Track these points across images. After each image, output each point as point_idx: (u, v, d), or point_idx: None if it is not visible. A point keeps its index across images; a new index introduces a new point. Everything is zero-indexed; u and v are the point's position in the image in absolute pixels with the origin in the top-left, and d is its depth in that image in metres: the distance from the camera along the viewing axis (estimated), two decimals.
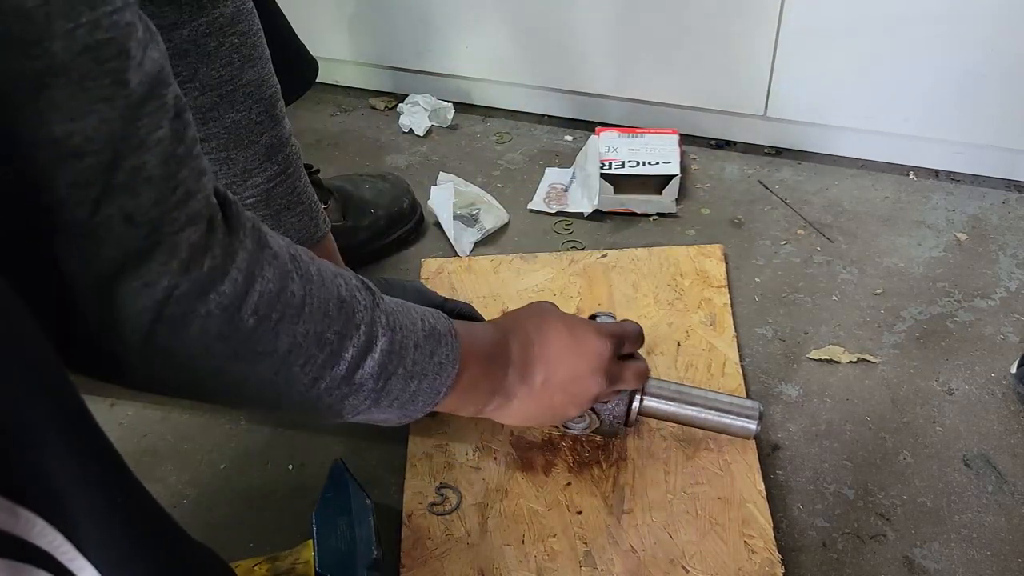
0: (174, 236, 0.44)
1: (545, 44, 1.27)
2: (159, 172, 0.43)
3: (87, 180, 0.40)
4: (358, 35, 1.36)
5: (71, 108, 0.38)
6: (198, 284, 0.45)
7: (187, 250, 0.45)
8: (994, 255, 1.08)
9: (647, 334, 0.95)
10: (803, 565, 0.77)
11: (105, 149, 0.40)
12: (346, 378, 0.55)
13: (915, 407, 0.90)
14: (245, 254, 0.48)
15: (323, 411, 0.57)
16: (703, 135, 1.29)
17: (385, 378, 0.57)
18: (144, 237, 0.43)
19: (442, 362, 0.61)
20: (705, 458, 0.83)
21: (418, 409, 0.62)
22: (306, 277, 0.53)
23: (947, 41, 1.09)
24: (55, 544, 0.39)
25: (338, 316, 0.54)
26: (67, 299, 0.43)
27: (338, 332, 0.54)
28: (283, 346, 0.51)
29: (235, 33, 0.75)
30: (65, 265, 0.42)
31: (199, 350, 0.47)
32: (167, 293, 0.44)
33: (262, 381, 0.51)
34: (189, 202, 0.44)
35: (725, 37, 1.17)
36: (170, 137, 0.43)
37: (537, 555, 0.76)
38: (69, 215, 0.40)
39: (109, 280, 0.43)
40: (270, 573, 0.73)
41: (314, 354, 0.53)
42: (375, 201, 1.10)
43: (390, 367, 0.58)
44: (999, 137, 1.15)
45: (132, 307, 0.44)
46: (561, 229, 1.15)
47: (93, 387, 0.98)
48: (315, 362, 0.53)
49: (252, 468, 0.87)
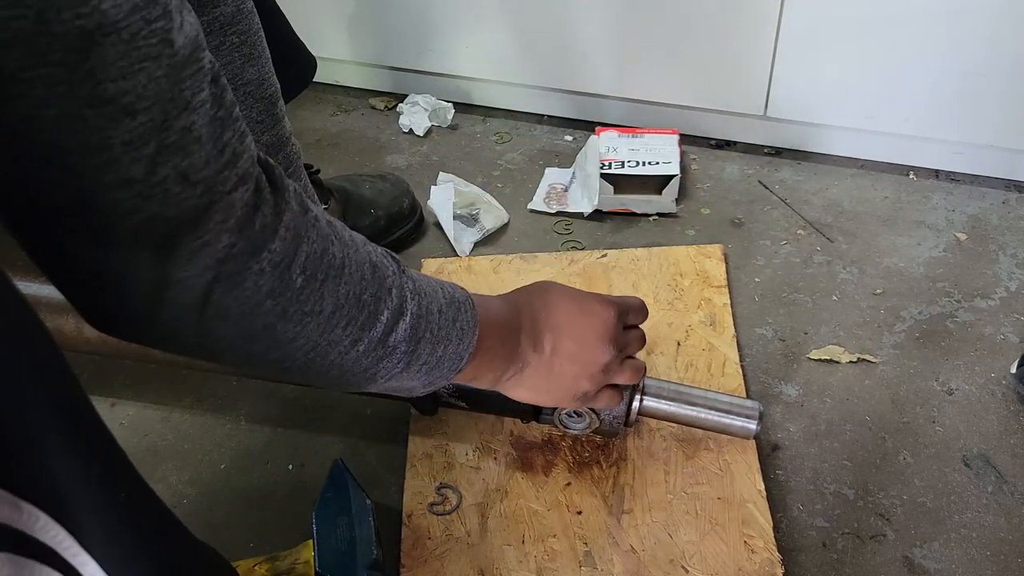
0: (228, 195, 0.45)
1: (545, 44, 1.27)
2: (207, 132, 0.43)
3: (141, 138, 0.40)
4: (358, 35, 1.36)
5: (121, 67, 0.39)
6: (252, 242, 0.47)
7: (240, 209, 0.46)
8: (994, 255, 1.08)
9: (647, 334, 0.95)
10: (803, 565, 0.77)
11: (155, 107, 0.40)
12: (382, 340, 0.57)
13: (915, 407, 0.90)
14: (291, 215, 0.50)
15: (359, 375, 0.58)
16: (703, 135, 1.29)
17: (415, 341, 0.59)
18: (200, 195, 0.43)
19: (464, 328, 0.63)
20: (705, 458, 0.83)
21: (443, 375, 0.63)
22: (343, 241, 0.55)
23: (947, 41, 1.09)
24: (58, 539, 0.39)
25: (372, 280, 0.56)
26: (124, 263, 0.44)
27: (374, 295, 0.56)
28: (328, 306, 0.52)
29: (235, 32, 0.75)
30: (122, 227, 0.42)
31: (252, 307, 0.48)
32: (225, 252, 0.45)
33: (308, 342, 0.52)
34: (237, 162, 0.45)
35: (725, 37, 1.17)
36: (211, 100, 0.44)
37: (537, 555, 0.76)
38: (126, 173, 0.41)
39: (169, 240, 0.43)
40: (270, 573, 0.73)
41: (354, 316, 0.54)
42: (375, 201, 1.10)
43: (419, 331, 0.59)
44: (999, 137, 1.15)
45: (192, 266, 0.45)
46: (561, 229, 1.15)
47: (94, 387, 0.99)
48: (355, 323, 0.54)
49: (252, 468, 0.87)
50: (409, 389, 0.63)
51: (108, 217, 0.42)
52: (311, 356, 0.53)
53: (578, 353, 0.71)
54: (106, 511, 0.43)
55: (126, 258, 0.43)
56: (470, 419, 0.87)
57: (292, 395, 0.93)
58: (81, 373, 0.44)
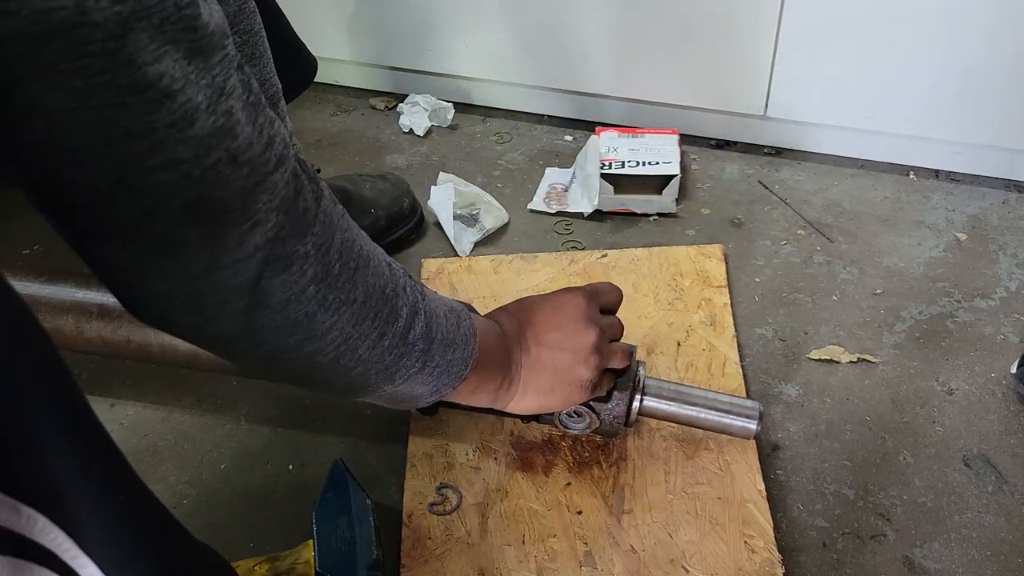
0: (271, 176, 0.46)
1: (545, 44, 1.27)
2: (244, 116, 0.44)
3: (184, 119, 0.41)
4: (358, 35, 1.36)
5: (153, 50, 0.39)
6: (298, 224, 0.47)
7: (283, 189, 0.46)
8: (994, 255, 1.08)
9: (647, 334, 0.96)
10: (803, 565, 0.77)
11: (189, 89, 0.41)
12: (403, 336, 0.57)
13: (915, 407, 0.90)
14: (326, 202, 0.51)
15: (381, 373, 0.58)
16: (703, 135, 1.29)
17: (429, 341, 0.60)
18: (246, 176, 0.44)
19: (467, 334, 0.64)
20: (705, 458, 0.83)
21: (450, 381, 0.64)
22: (363, 235, 0.56)
23: (947, 41, 1.09)
24: (57, 542, 0.39)
25: (391, 275, 0.57)
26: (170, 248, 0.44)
27: (393, 290, 0.57)
28: (359, 295, 0.53)
29: (237, 32, 0.75)
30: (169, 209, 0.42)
31: (296, 293, 0.49)
32: (275, 232, 0.46)
33: (341, 334, 0.53)
34: (274, 145, 0.46)
35: (725, 37, 1.17)
36: (240, 86, 0.44)
37: (537, 555, 0.76)
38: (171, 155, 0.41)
39: (218, 221, 0.44)
40: (270, 573, 0.73)
41: (380, 308, 0.55)
42: (375, 201, 1.10)
43: (432, 331, 0.60)
44: (999, 137, 1.15)
45: (242, 248, 0.45)
46: (561, 229, 1.15)
47: (94, 387, 0.99)
48: (381, 316, 0.55)
49: (252, 468, 0.87)
50: (416, 396, 0.63)
51: (153, 200, 0.42)
52: (342, 350, 0.54)
53: (563, 340, 0.72)
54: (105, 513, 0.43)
55: (172, 242, 0.44)
56: (470, 419, 0.87)
57: (292, 395, 0.93)
58: (81, 373, 0.44)
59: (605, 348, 0.74)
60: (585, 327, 0.72)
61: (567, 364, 0.72)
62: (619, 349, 0.76)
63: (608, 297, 0.78)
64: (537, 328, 0.72)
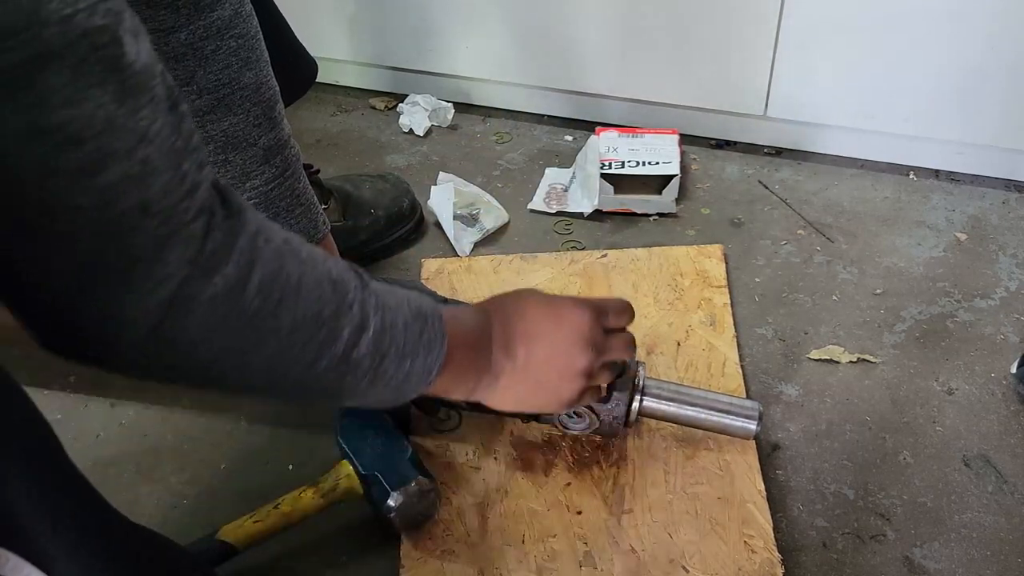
0: (187, 227, 0.44)
1: (545, 44, 1.27)
2: (164, 163, 0.43)
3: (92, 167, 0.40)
4: (358, 35, 1.36)
5: (67, 95, 0.38)
6: (204, 268, 0.46)
7: (199, 239, 0.45)
8: (994, 255, 1.08)
9: (647, 334, 0.95)
10: (803, 565, 0.77)
11: (104, 136, 0.40)
12: (344, 357, 0.56)
13: (915, 407, 0.90)
14: (246, 237, 0.49)
15: (324, 392, 0.57)
16: (703, 135, 1.29)
17: (380, 356, 0.58)
18: (158, 226, 0.43)
19: (431, 341, 0.62)
20: (705, 458, 0.83)
21: (412, 389, 0.62)
22: (300, 259, 0.53)
23: (947, 41, 1.09)
24: None
25: (332, 296, 0.55)
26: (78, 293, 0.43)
27: (334, 312, 0.55)
28: (285, 326, 0.51)
29: (233, 36, 0.75)
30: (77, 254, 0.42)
31: (203, 335, 0.47)
32: (181, 282, 0.45)
33: (266, 363, 0.52)
34: (196, 192, 0.45)
35: (725, 37, 1.17)
36: (168, 129, 0.43)
37: (537, 555, 0.76)
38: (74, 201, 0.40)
39: (126, 273, 0.43)
40: (317, 494, 0.78)
41: (313, 333, 0.53)
42: (375, 201, 1.10)
43: (383, 346, 0.58)
44: (999, 137, 1.15)
45: (148, 300, 0.44)
46: (561, 229, 1.15)
47: (93, 387, 0.98)
48: (315, 341, 0.53)
49: (252, 468, 0.87)
50: (380, 402, 0.62)
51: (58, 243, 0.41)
52: (272, 376, 0.53)
53: (552, 358, 0.69)
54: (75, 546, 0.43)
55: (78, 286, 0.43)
56: (470, 419, 0.87)
57: None
58: (81, 373, 0.44)
59: (597, 371, 0.72)
60: (581, 349, 0.70)
61: (551, 381, 0.70)
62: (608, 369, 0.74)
63: (616, 319, 0.75)
64: (530, 335, 0.70)
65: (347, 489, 0.78)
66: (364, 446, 0.79)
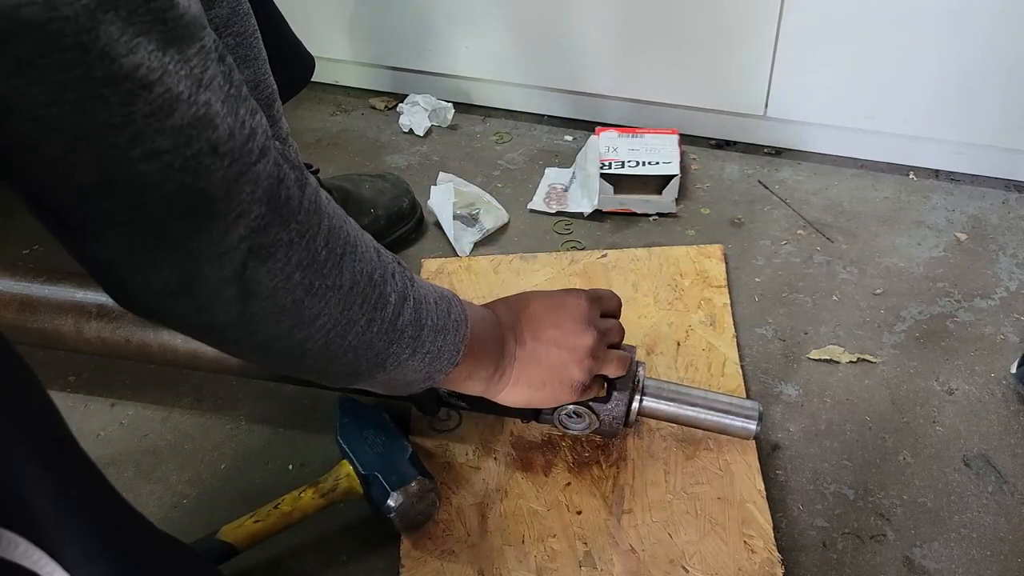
0: (254, 166, 0.46)
1: (545, 44, 1.27)
2: (224, 108, 0.44)
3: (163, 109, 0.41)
4: (358, 35, 1.36)
5: (126, 42, 0.39)
6: (282, 213, 0.48)
7: (266, 179, 0.47)
8: (994, 255, 1.08)
9: (647, 334, 0.96)
10: (803, 565, 0.77)
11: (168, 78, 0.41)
12: (392, 322, 0.58)
13: (915, 407, 0.90)
14: (311, 190, 0.51)
15: (371, 359, 0.58)
16: (703, 135, 1.29)
17: (419, 327, 0.60)
18: (228, 166, 0.44)
19: (457, 320, 0.64)
20: (705, 458, 0.83)
21: (442, 367, 0.64)
22: (351, 222, 0.56)
23: (947, 41, 1.09)
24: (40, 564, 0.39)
25: (378, 262, 0.57)
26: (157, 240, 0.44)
27: (382, 276, 0.57)
28: (347, 281, 0.53)
29: (230, 34, 0.75)
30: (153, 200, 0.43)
31: (283, 280, 0.49)
32: (257, 222, 0.46)
33: (330, 319, 0.53)
34: (256, 136, 0.46)
35: (725, 37, 1.17)
36: (221, 77, 0.44)
37: (537, 555, 0.76)
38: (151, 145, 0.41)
39: (202, 212, 0.44)
40: (317, 494, 0.77)
41: (368, 294, 0.55)
42: (375, 201, 1.10)
43: (422, 317, 0.60)
44: (999, 137, 1.15)
45: (229, 238, 0.46)
46: (561, 229, 1.15)
47: (94, 387, 0.98)
48: (369, 302, 0.55)
49: (252, 468, 0.87)
50: (410, 382, 0.63)
51: (136, 193, 0.42)
52: (331, 336, 0.54)
53: (560, 338, 0.72)
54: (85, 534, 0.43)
55: (158, 235, 0.44)
56: (470, 419, 0.87)
57: (292, 395, 0.93)
58: (81, 373, 0.44)
59: (602, 353, 0.74)
60: (584, 328, 0.72)
61: (561, 362, 0.72)
62: (616, 357, 0.75)
63: (608, 304, 0.78)
64: (536, 323, 0.72)
65: (347, 489, 0.78)
66: (364, 446, 0.79)
